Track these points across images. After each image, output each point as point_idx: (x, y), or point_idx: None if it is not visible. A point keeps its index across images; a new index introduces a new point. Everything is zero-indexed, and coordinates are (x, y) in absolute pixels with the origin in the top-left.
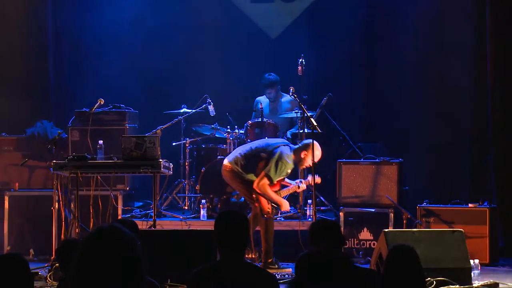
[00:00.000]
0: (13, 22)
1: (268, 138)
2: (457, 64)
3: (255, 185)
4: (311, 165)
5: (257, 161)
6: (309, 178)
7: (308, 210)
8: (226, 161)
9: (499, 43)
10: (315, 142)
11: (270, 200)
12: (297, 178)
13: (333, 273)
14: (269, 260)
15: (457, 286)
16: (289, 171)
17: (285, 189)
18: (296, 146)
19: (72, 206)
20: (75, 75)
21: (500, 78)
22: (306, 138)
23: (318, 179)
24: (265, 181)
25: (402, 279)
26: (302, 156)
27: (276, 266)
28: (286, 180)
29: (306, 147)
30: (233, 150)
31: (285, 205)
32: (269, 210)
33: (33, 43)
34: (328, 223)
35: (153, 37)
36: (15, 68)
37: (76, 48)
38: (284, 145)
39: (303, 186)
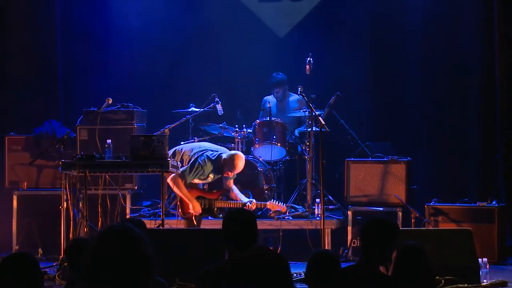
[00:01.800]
0: (21, 20)
1: (210, 143)
2: (466, 62)
3: (168, 179)
4: (233, 174)
5: (182, 161)
6: (270, 203)
7: (316, 209)
8: None
9: (508, 39)
10: (239, 153)
11: (182, 196)
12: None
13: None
14: None
15: (466, 284)
16: (209, 176)
17: (230, 200)
18: (222, 154)
19: (80, 205)
20: (84, 74)
21: (508, 76)
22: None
23: (282, 208)
24: (179, 178)
25: (412, 278)
26: (221, 164)
27: None
28: (237, 193)
29: (228, 155)
30: (241, 149)
31: (196, 207)
32: (190, 211)
33: (42, 42)
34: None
35: (161, 36)
36: (23, 67)
37: (85, 47)
38: (211, 151)
39: (251, 206)
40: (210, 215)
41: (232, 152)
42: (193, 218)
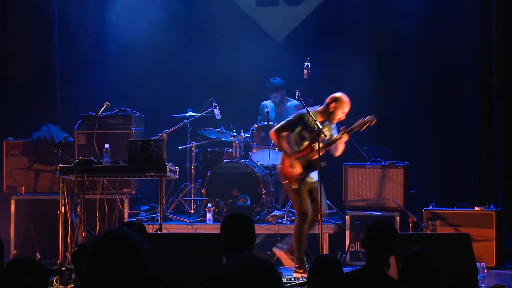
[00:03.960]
0: (19, 25)
1: None
2: (463, 68)
3: (270, 131)
4: (342, 118)
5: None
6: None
7: None
8: None
9: (506, 43)
10: (342, 94)
11: (284, 148)
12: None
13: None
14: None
15: None
16: (324, 128)
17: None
18: (326, 102)
19: (78, 210)
20: (81, 79)
21: (505, 82)
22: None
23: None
24: (275, 129)
25: (418, 283)
26: (331, 109)
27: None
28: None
29: (334, 99)
30: (239, 154)
31: (297, 166)
32: (294, 171)
33: (39, 46)
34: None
35: (159, 40)
36: (21, 72)
37: (82, 52)
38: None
39: (343, 137)
40: (313, 170)
41: (333, 95)
42: (296, 179)
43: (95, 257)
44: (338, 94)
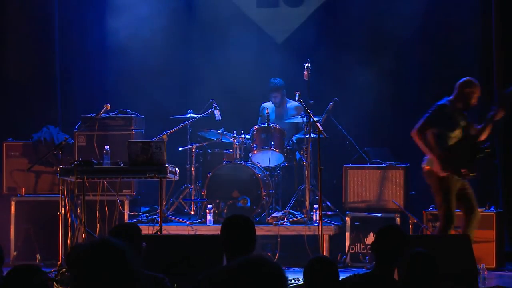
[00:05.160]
0: (19, 26)
1: None
2: (464, 67)
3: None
4: (475, 103)
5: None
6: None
7: (314, 215)
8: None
9: (506, 43)
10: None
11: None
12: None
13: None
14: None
15: None
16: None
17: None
18: (454, 93)
19: (78, 211)
20: (82, 80)
21: (506, 82)
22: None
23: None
24: (416, 131)
25: (421, 285)
26: (466, 93)
27: None
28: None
29: (466, 84)
30: (239, 155)
31: (438, 165)
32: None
33: (40, 47)
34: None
35: (159, 42)
36: (22, 73)
37: (83, 54)
38: None
39: (500, 112)
40: (478, 155)
41: (462, 80)
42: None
43: (82, 267)
44: (468, 78)
